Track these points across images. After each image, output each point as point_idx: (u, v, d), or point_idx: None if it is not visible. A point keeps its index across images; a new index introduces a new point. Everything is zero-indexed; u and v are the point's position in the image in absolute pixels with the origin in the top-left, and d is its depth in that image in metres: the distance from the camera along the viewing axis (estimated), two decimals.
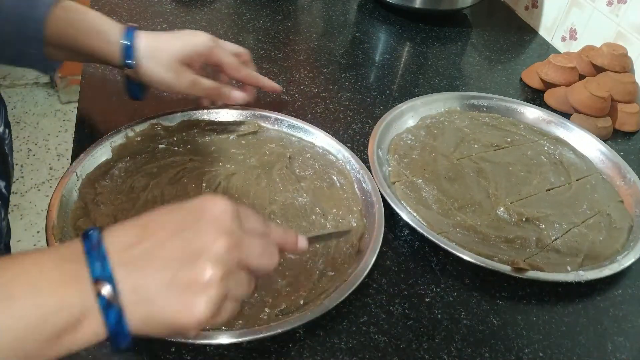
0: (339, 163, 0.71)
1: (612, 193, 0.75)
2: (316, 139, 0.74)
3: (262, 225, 0.41)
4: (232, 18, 1.04)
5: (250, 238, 0.39)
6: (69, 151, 1.21)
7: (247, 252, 0.38)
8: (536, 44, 1.14)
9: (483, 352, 0.54)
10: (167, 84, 0.66)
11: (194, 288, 0.35)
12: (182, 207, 0.38)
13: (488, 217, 0.68)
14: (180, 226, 0.36)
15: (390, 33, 1.09)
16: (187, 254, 0.35)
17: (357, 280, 0.55)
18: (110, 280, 0.33)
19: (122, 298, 0.33)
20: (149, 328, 0.35)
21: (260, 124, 0.75)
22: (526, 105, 0.88)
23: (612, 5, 0.99)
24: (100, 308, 0.33)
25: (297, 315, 0.52)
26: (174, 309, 0.34)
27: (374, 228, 0.61)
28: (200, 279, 0.35)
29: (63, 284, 0.33)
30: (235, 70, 0.71)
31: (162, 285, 0.34)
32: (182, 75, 0.66)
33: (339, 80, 0.92)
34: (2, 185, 0.49)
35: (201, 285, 0.35)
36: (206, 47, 0.67)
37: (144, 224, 0.37)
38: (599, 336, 0.58)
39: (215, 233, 0.36)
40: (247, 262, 0.38)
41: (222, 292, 0.36)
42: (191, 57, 0.66)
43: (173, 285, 0.34)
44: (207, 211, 0.37)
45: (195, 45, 0.67)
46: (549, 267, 0.61)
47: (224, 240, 0.36)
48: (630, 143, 0.89)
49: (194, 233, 0.36)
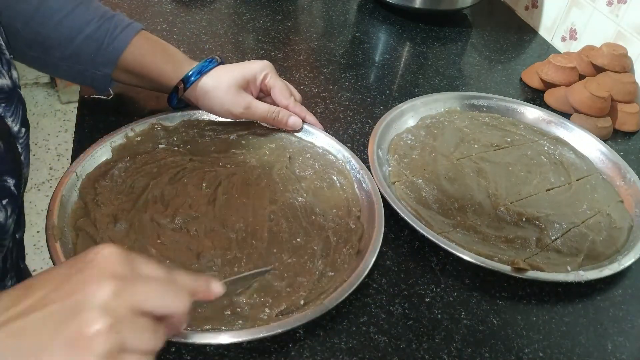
0: (339, 163, 0.71)
1: (612, 193, 0.75)
2: (316, 139, 0.74)
3: (163, 272, 0.37)
4: (232, 18, 1.04)
5: (145, 280, 0.35)
6: (69, 151, 1.21)
7: (141, 295, 0.34)
8: (536, 44, 1.14)
9: (483, 352, 0.54)
10: (224, 107, 0.70)
11: (80, 343, 0.31)
12: (67, 262, 0.36)
13: (488, 217, 0.68)
14: (62, 280, 0.33)
15: (390, 33, 1.09)
16: (67, 307, 0.32)
17: (357, 281, 0.55)
18: None
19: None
20: None
21: (260, 123, 0.75)
22: (526, 105, 0.88)
23: (612, 5, 0.99)
24: None
25: (297, 315, 0.52)
26: None
27: (374, 228, 0.61)
28: (85, 331, 0.31)
29: None
30: (283, 95, 0.72)
31: (44, 345, 0.31)
32: (239, 98, 0.69)
33: (339, 80, 0.92)
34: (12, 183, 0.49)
35: (87, 339, 0.31)
36: (262, 69, 0.71)
37: (27, 286, 0.34)
38: (599, 336, 0.58)
39: (99, 279, 0.33)
40: (143, 306, 0.34)
41: (113, 343, 0.32)
42: (247, 79, 0.70)
43: (56, 344, 0.31)
44: (90, 260, 0.34)
45: (252, 68, 0.70)
46: (549, 267, 0.61)
47: (108, 285, 0.33)
48: (630, 143, 0.89)
49: (75, 284, 0.33)
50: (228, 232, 0.60)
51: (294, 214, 0.63)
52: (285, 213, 0.63)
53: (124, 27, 0.66)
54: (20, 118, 0.51)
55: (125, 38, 0.66)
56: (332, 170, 0.70)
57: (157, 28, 0.96)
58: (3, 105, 0.49)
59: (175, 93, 0.70)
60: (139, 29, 0.68)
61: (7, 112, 0.49)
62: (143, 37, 0.68)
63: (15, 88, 0.51)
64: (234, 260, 0.57)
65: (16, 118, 0.51)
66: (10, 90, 0.50)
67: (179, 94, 0.70)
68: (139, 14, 1.00)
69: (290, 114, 0.72)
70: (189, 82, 0.69)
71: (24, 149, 0.53)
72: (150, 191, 0.63)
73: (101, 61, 0.66)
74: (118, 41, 0.66)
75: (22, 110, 0.52)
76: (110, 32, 0.65)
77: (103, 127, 0.73)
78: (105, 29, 0.65)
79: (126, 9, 1.00)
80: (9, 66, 0.50)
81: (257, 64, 0.71)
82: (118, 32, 0.66)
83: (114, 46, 0.66)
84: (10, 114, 0.50)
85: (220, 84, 0.69)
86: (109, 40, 0.65)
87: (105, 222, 0.58)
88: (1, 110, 0.48)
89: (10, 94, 0.50)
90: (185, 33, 0.96)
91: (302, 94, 0.80)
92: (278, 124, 0.73)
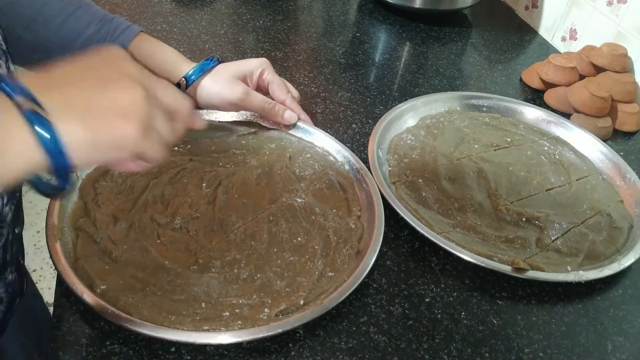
0: (338, 163, 0.71)
1: (612, 193, 0.75)
2: (316, 139, 0.74)
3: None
4: (232, 18, 1.04)
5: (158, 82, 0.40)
6: None
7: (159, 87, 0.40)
8: (536, 44, 1.14)
9: (483, 352, 0.54)
10: (221, 96, 0.70)
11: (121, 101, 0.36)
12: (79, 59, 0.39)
13: (488, 217, 0.68)
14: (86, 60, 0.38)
15: (390, 33, 1.09)
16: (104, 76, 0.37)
17: (357, 281, 0.55)
18: (32, 97, 0.33)
19: (48, 112, 0.33)
20: (84, 151, 0.35)
21: (260, 123, 0.75)
22: (526, 105, 0.88)
23: (612, 5, 0.99)
24: (25, 119, 0.33)
25: (297, 315, 0.52)
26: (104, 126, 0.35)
27: (374, 228, 0.61)
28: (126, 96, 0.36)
29: None
30: (281, 90, 0.73)
31: (88, 105, 0.35)
32: (236, 87, 0.70)
33: (339, 80, 0.92)
34: None
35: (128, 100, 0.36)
36: (260, 65, 0.72)
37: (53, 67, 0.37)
38: (599, 336, 0.58)
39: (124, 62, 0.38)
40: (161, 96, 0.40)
41: (148, 114, 0.37)
42: (245, 73, 0.72)
43: (100, 99, 0.35)
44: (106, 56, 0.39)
45: (249, 64, 0.72)
46: (549, 267, 0.61)
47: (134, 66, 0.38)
48: (630, 143, 0.89)
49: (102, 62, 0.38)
50: (227, 232, 0.60)
51: (294, 214, 0.63)
52: (284, 214, 0.63)
53: (123, 30, 0.67)
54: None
55: (125, 40, 0.67)
56: (332, 171, 0.70)
57: (157, 28, 0.96)
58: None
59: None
60: (138, 31, 0.69)
61: None
62: (143, 39, 0.69)
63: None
64: (233, 262, 0.57)
65: None
66: None
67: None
68: (139, 14, 1.00)
69: (286, 108, 0.73)
70: (190, 80, 0.69)
71: None
72: (150, 191, 0.63)
73: None
74: (118, 43, 0.66)
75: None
76: (110, 34, 0.66)
77: None
78: (105, 32, 0.66)
79: (126, 9, 1.00)
80: (6, 57, 0.51)
81: (254, 61, 0.73)
82: (118, 34, 0.67)
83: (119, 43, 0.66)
84: None
85: (220, 77, 0.71)
86: (109, 43, 0.66)
87: (105, 222, 0.58)
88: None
89: None
90: (185, 33, 0.96)
91: (302, 94, 0.80)
92: (274, 117, 0.73)
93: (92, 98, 0.35)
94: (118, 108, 0.36)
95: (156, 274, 0.54)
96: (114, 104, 0.36)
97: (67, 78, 0.36)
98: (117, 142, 0.36)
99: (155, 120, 0.38)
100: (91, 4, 0.68)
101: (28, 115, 0.33)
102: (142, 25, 0.96)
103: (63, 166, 0.34)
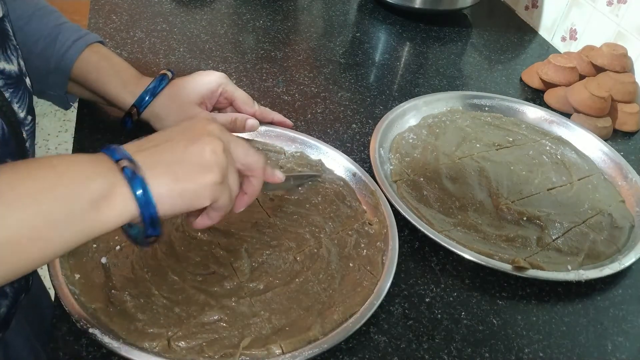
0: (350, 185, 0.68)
1: (613, 193, 0.75)
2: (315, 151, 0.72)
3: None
4: (232, 18, 1.04)
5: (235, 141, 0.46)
6: (69, 151, 1.21)
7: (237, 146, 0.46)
8: (536, 44, 1.14)
9: (483, 352, 0.54)
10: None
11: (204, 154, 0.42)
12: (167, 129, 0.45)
13: (489, 216, 0.68)
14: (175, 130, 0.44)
15: (390, 33, 1.09)
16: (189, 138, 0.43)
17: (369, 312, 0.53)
18: (130, 159, 0.39)
19: (143, 171, 0.39)
20: (170, 199, 0.40)
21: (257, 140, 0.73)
22: (528, 105, 0.88)
23: (612, 5, 0.99)
24: (125, 178, 0.38)
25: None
26: (189, 176, 0.41)
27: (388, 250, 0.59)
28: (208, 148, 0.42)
29: (93, 163, 0.39)
30: (247, 104, 0.71)
31: (175, 159, 0.41)
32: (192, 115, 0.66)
33: (339, 80, 0.92)
34: None
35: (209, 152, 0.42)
36: (218, 83, 0.69)
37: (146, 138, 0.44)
38: (599, 336, 0.58)
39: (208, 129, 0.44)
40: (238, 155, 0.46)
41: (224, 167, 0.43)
42: (202, 96, 0.68)
43: (184, 160, 0.41)
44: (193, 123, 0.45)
45: (207, 85, 0.68)
46: (549, 266, 0.61)
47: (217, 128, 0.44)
48: (630, 143, 0.89)
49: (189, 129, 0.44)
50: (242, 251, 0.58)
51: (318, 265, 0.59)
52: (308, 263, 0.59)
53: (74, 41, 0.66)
54: (27, 106, 0.52)
55: (73, 55, 0.65)
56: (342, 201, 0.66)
57: (157, 28, 0.96)
58: (10, 90, 0.49)
59: (129, 117, 0.68)
60: (87, 43, 0.66)
61: (14, 97, 0.50)
62: (91, 51, 0.67)
63: (22, 75, 0.51)
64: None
65: (22, 105, 0.51)
66: (17, 77, 0.50)
67: (132, 118, 0.68)
68: (138, 14, 1.00)
69: (246, 118, 0.70)
70: (142, 106, 0.66)
71: (30, 137, 0.53)
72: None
73: (53, 82, 0.67)
74: (66, 59, 0.65)
75: (29, 98, 0.53)
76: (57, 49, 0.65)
77: (103, 127, 0.73)
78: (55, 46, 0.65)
79: (126, 9, 1.00)
80: (17, 53, 0.51)
81: (211, 78, 0.69)
82: (65, 49, 0.65)
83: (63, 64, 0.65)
84: (17, 100, 0.50)
85: (174, 104, 0.67)
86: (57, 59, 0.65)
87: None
88: (8, 95, 0.49)
89: (18, 80, 0.50)
90: (185, 33, 0.96)
91: (302, 94, 0.80)
92: (239, 131, 0.70)
93: (177, 152, 0.41)
94: (201, 161, 0.41)
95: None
96: (197, 158, 0.41)
97: (157, 139, 0.43)
98: (199, 190, 0.41)
99: (230, 173, 0.44)
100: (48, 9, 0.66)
101: (126, 172, 0.38)
102: (142, 25, 0.96)
103: (150, 215, 0.39)
